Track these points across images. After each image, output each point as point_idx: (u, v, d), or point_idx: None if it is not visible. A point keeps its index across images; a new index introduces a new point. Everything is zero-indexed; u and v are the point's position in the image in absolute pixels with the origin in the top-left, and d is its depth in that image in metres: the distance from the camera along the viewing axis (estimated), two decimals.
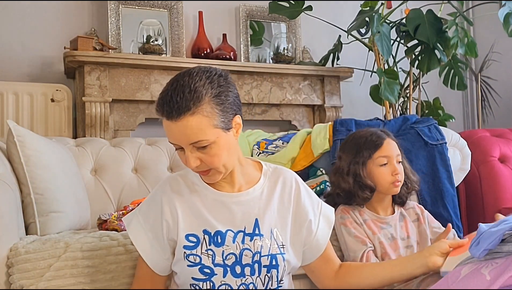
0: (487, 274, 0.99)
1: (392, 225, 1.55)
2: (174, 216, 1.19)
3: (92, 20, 2.72)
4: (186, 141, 1.10)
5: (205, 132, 1.09)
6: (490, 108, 3.39)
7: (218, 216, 1.20)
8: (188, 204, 1.20)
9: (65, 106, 2.45)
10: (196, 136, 1.09)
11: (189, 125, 1.08)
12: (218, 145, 1.12)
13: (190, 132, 1.08)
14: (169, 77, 2.54)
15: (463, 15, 2.80)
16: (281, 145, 2.10)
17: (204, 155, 1.12)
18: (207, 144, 1.10)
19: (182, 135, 1.09)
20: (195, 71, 1.12)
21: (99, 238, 1.35)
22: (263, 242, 1.20)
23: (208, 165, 1.13)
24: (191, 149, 1.11)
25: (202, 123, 1.08)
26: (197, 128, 1.08)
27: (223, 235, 1.18)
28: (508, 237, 1.00)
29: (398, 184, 1.53)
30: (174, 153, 2.12)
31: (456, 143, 2.05)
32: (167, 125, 1.11)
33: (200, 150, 1.11)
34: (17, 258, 1.24)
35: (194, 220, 1.19)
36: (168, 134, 1.12)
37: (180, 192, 1.22)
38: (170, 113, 1.09)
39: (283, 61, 2.94)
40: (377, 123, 2.05)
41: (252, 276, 1.18)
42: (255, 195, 1.24)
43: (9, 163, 1.48)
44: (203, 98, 1.08)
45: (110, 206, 1.90)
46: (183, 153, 1.13)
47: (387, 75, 2.65)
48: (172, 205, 1.19)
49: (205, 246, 1.17)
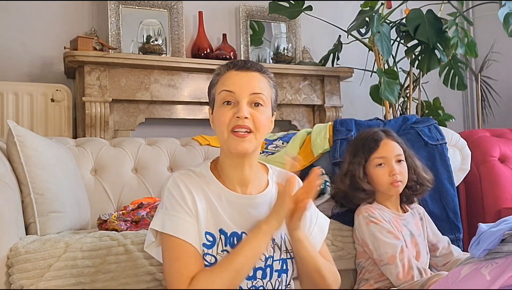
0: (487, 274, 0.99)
1: (409, 223, 1.57)
2: (194, 206, 1.14)
3: (92, 20, 2.72)
4: (249, 90, 1.15)
5: (266, 92, 1.18)
6: (490, 108, 3.39)
7: (232, 217, 1.18)
8: (205, 199, 1.17)
9: (65, 106, 2.45)
10: (260, 88, 1.17)
11: (258, 78, 1.18)
12: (266, 113, 1.18)
13: (257, 83, 1.17)
14: (169, 77, 2.59)
15: (463, 15, 2.80)
16: (281, 145, 2.10)
17: (255, 112, 1.15)
18: (263, 102, 1.17)
19: (249, 83, 1.16)
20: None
21: (99, 238, 1.35)
22: (275, 247, 1.20)
23: (255, 122, 1.15)
24: (248, 101, 1.15)
25: (266, 85, 1.20)
26: (262, 84, 1.18)
27: (239, 236, 1.16)
28: (508, 237, 1.00)
29: (397, 184, 1.53)
30: (174, 153, 2.12)
31: (456, 143, 2.05)
32: (235, 74, 1.18)
33: (254, 108, 1.16)
34: (17, 258, 1.24)
35: (211, 217, 1.16)
36: (231, 83, 1.16)
37: (196, 186, 1.17)
38: (243, 65, 1.18)
39: (283, 61, 2.94)
40: (377, 123, 2.05)
41: (263, 280, 1.18)
42: (266, 199, 1.23)
43: (9, 163, 1.48)
44: (269, 74, 1.23)
45: (110, 206, 1.90)
46: (229, 107, 1.15)
47: (387, 75, 2.65)
48: (191, 196, 1.15)
49: (221, 246, 1.15)
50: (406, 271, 1.43)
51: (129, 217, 1.62)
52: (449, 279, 1.08)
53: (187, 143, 2.21)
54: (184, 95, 2.62)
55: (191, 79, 2.63)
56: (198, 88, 2.63)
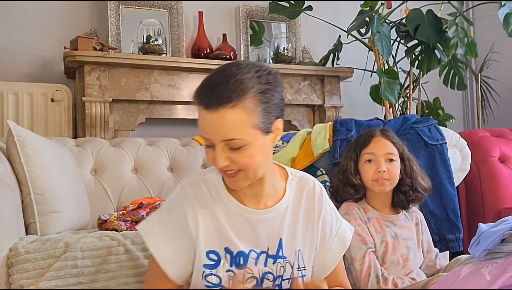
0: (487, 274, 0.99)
1: (396, 224, 1.55)
2: (195, 225, 1.08)
3: (92, 20, 2.72)
4: (219, 137, 0.99)
5: (242, 130, 0.99)
6: (490, 108, 3.39)
7: (241, 234, 1.10)
8: (211, 215, 1.10)
9: (65, 106, 2.45)
10: (232, 133, 0.98)
11: (227, 119, 0.97)
12: (254, 147, 1.01)
13: (226, 127, 0.98)
14: (169, 77, 2.59)
15: (463, 15, 2.80)
16: (281, 145, 2.10)
17: (237, 156, 1.01)
18: (242, 145, 1.00)
19: (217, 129, 0.98)
20: (245, 63, 1.04)
21: (99, 238, 1.35)
22: (286, 265, 1.13)
23: (239, 167, 1.02)
24: (223, 147, 1.00)
25: (241, 119, 0.98)
26: (234, 124, 0.98)
27: (245, 256, 1.09)
28: (508, 237, 1.00)
29: (383, 182, 1.51)
30: (174, 153, 2.12)
31: (456, 143, 2.05)
32: (203, 115, 1.00)
33: (233, 151, 1.01)
34: (17, 258, 1.24)
35: (216, 235, 1.09)
36: (202, 126, 1.01)
37: (203, 200, 1.10)
38: (209, 102, 0.98)
39: (283, 61, 2.94)
40: (377, 123, 2.05)
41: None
42: (281, 211, 1.14)
43: (9, 163, 1.48)
44: (247, 92, 0.98)
45: (110, 206, 1.90)
46: (212, 150, 1.03)
47: (387, 75, 2.65)
48: (194, 213, 1.08)
49: (226, 265, 1.08)
50: (363, 276, 1.43)
51: (129, 217, 1.62)
52: (449, 279, 1.08)
53: (187, 143, 2.21)
54: (184, 95, 2.62)
55: (191, 79, 2.63)
56: None
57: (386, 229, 1.53)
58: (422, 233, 1.61)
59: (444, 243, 1.86)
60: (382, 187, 1.52)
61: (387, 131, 1.61)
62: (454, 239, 1.86)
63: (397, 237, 1.53)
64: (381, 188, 1.53)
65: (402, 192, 1.58)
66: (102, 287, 1.28)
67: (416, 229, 1.60)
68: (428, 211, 1.84)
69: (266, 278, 1.11)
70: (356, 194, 1.57)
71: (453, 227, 1.86)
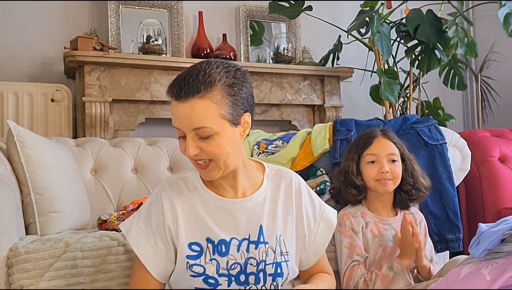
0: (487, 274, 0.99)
1: (394, 227, 1.55)
2: (174, 221, 1.13)
3: (92, 20, 2.72)
4: (189, 126, 1.06)
5: (210, 119, 1.05)
6: (490, 108, 3.39)
7: (221, 224, 1.15)
8: (190, 209, 1.15)
9: (65, 106, 2.45)
10: (201, 122, 1.05)
11: (196, 108, 1.04)
12: (221, 137, 1.07)
13: (195, 116, 1.05)
14: (169, 77, 2.58)
15: (463, 15, 2.80)
16: (281, 145, 2.10)
17: (206, 145, 1.07)
18: (210, 133, 1.06)
19: (187, 118, 1.05)
20: (216, 60, 1.12)
21: (99, 238, 1.35)
22: (268, 250, 1.17)
23: (208, 155, 1.08)
24: (193, 136, 1.07)
25: (209, 109, 1.05)
26: (203, 113, 1.05)
27: (227, 244, 1.14)
28: (508, 237, 1.00)
29: (386, 183, 1.52)
30: (174, 153, 2.12)
31: (456, 143, 2.05)
32: (175, 106, 1.07)
33: (203, 140, 1.07)
34: (17, 258, 1.24)
35: (196, 227, 1.14)
36: (174, 117, 1.09)
37: (181, 195, 1.16)
38: (179, 93, 1.05)
39: (283, 61, 2.94)
40: (377, 123, 2.05)
41: (257, 285, 1.16)
42: (259, 200, 1.20)
43: (9, 163, 1.48)
44: (215, 84, 1.06)
45: (110, 206, 1.90)
46: (183, 141, 1.10)
47: (387, 75, 2.65)
48: (173, 209, 1.14)
49: (208, 255, 1.13)
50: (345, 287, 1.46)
51: (129, 217, 1.62)
52: (449, 279, 1.08)
53: None
54: None
55: None
56: None
57: (384, 233, 1.53)
58: (421, 234, 1.60)
59: (444, 243, 1.86)
60: (385, 187, 1.53)
61: (388, 132, 1.61)
62: (454, 239, 1.86)
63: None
64: (384, 188, 1.53)
65: (405, 191, 1.58)
66: (102, 287, 1.28)
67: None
68: (428, 211, 1.84)
69: (249, 263, 1.15)
70: (358, 195, 1.57)
71: (453, 227, 1.86)
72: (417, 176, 1.58)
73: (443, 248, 1.86)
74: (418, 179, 1.58)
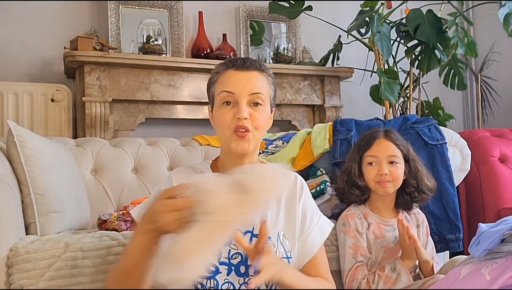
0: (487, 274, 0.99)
1: (396, 228, 1.55)
2: None
3: (92, 20, 2.72)
4: (249, 90, 1.17)
5: (265, 90, 1.20)
6: (490, 108, 3.39)
7: None
8: None
9: (65, 106, 2.45)
10: (259, 88, 1.18)
11: (257, 77, 1.19)
12: (265, 111, 1.20)
13: (256, 82, 1.18)
14: (169, 77, 2.58)
15: (463, 15, 2.80)
16: (281, 145, 2.10)
17: (255, 112, 1.17)
18: (262, 102, 1.18)
19: (248, 83, 1.17)
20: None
21: (99, 238, 1.35)
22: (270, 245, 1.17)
23: (253, 123, 1.17)
24: (247, 102, 1.17)
25: (265, 83, 1.21)
26: (262, 83, 1.20)
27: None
28: (508, 237, 1.00)
29: (385, 184, 1.52)
30: (174, 153, 2.12)
31: (456, 143, 2.05)
32: (233, 74, 1.19)
33: (253, 107, 1.17)
34: (17, 258, 1.24)
35: None
36: (230, 82, 1.18)
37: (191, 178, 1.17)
38: (242, 64, 1.19)
39: (283, 61, 2.94)
40: (377, 123, 2.05)
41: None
42: None
43: (9, 163, 1.48)
44: (268, 70, 1.23)
45: (110, 206, 1.90)
46: (229, 108, 1.17)
47: (387, 75, 2.65)
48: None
49: None
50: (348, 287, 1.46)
51: (129, 217, 1.62)
52: (449, 279, 1.08)
53: (187, 143, 2.21)
54: (184, 95, 2.62)
55: (191, 79, 2.63)
56: (198, 88, 2.63)
57: (386, 234, 1.53)
58: (423, 234, 1.60)
59: (444, 243, 1.86)
60: (385, 189, 1.53)
61: (391, 133, 1.60)
62: (454, 239, 1.86)
63: (398, 241, 1.53)
64: (383, 190, 1.53)
65: (407, 193, 1.57)
66: (102, 287, 1.28)
67: (417, 231, 1.60)
68: (428, 211, 1.84)
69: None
70: (362, 195, 1.57)
71: (453, 227, 1.87)
72: (421, 177, 1.57)
73: (443, 248, 1.86)
74: (422, 180, 1.57)
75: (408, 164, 1.57)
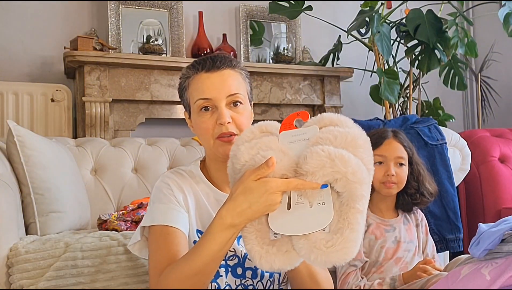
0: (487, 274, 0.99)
1: (396, 228, 1.54)
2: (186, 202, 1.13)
3: (92, 20, 2.72)
4: (225, 92, 1.11)
5: (241, 89, 1.14)
6: (490, 108, 3.39)
7: None
8: (195, 198, 1.16)
9: (65, 106, 2.45)
10: (236, 87, 1.13)
11: (231, 76, 1.13)
12: (246, 109, 1.15)
13: (231, 82, 1.13)
14: (169, 77, 2.58)
15: (463, 15, 2.80)
16: None
17: (236, 114, 1.12)
18: (241, 101, 1.13)
19: (223, 84, 1.12)
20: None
21: (99, 238, 1.35)
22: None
23: (237, 124, 1.12)
24: (226, 104, 1.12)
25: (240, 80, 1.15)
26: (237, 81, 1.14)
27: None
28: (508, 237, 1.00)
29: (390, 186, 1.51)
30: (174, 153, 2.12)
31: (456, 143, 2.05)
32: (205, 77, 1.13)
33: (233, 109, 1.12)
34: (17, 258, 1.24)
35: (200, 216, 1.15)
36: (203, 88, 1.12)
37: (187, 183, 1.16)
38: (212, 65, 1.13)
39: (283, 61, 2.94)
40: (377, 123, 2.05)
41: (254, 279, 1.17)
42: None
43: (9, 163, 1.48)
44: (239, 65, 1.18)
45: (110, 206, 1.90)
46: (209, 114, 1.12)
47: (387, 75, 2.65)
48: (182, 191, 1.14)
49: None
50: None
51: (129, 217, 1.62)
52: (449, 279, 1.08)
53: (187, 143, 2.21)
54: None
55: None
56: None
57: (386, 235, 1.53)
58: (422, 233, 1.60)
59: (444, 243, 1.86)
60: (389, 190, 1.52)
61: (399, 134, 1.59)
62: (454, 239, 1.86)
63: (398, 241, 1.53)
64: (388, 191, 1.53)
65: (408, 195, 1.57)
66: (102, 287, 1.28)
67: (417, 231, 1.60)
68: (428, 211, 1.84)
69: (248, 258, 1.16)
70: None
71: (453, 227, 1.87)
72: (422, 180, 1.56)
73: (443, 248, 1.86)
74: (423, 184, 1.56)
75: (411, 167, 1.57)
